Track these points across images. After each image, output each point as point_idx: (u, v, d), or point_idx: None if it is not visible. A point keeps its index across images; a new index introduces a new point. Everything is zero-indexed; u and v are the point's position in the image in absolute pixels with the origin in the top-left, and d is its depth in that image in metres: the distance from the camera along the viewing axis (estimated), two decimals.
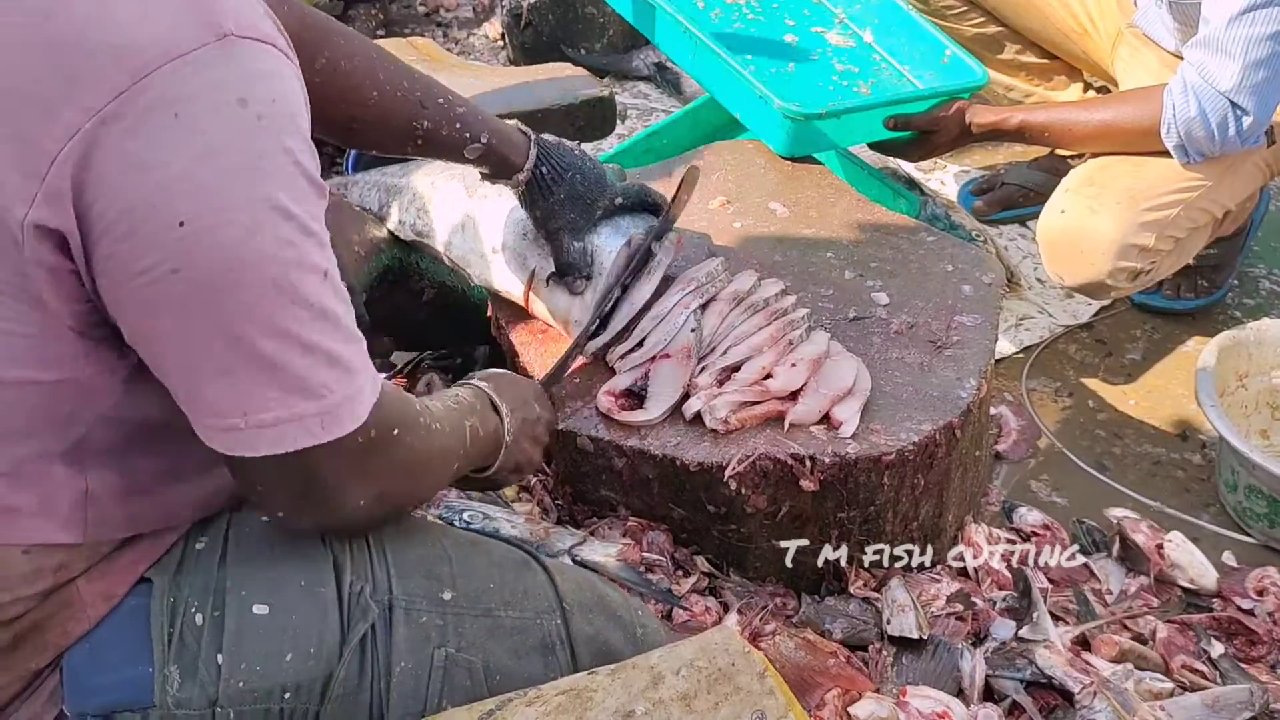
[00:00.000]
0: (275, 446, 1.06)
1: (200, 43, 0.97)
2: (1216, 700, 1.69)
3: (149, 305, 1.01)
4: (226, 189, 0.98)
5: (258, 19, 1.03)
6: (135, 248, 0.98)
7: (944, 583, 1.86)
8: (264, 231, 1.00)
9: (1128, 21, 2.54)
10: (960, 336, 1.89)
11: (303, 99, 1.06)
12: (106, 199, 0.96)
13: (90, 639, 1.17)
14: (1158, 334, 2.61)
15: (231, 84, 0.99)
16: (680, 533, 1.81)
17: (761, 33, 2.54)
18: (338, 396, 1.07)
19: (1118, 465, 2.32)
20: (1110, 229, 2.25)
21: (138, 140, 0.96)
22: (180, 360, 1.04)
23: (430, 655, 1.21)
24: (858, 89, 2.45)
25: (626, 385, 1.77)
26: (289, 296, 1.02)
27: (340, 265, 1.22)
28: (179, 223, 0.97)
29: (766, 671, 1.17)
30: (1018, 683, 1.72)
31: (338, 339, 1.07)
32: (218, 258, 0.99)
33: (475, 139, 1.64)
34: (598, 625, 1.30)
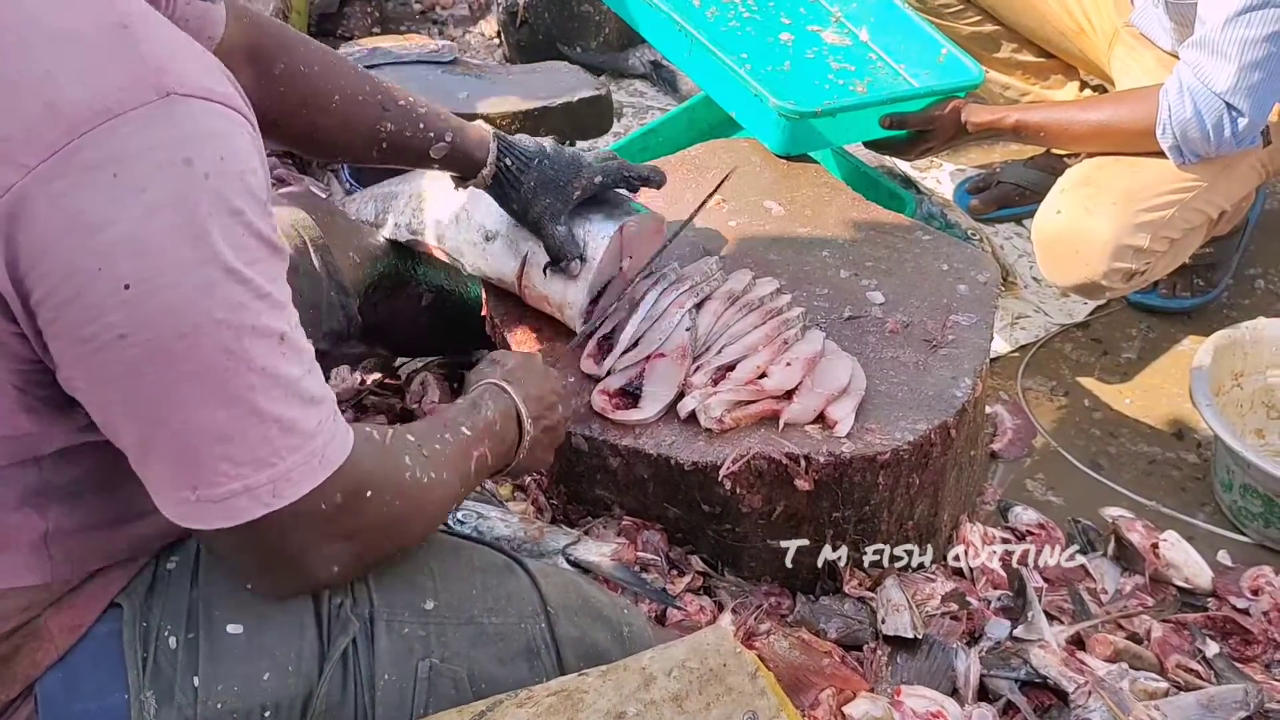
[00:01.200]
0: (226, 519, 1.02)
1: (141, 101, 0.93)
2: (1211, 700, 1.69)
3: (96, 372, 0.97)
4: (172, 249, 0.94)
5: (205, 75, 0.99)
6: (80, 312, 0.94)
7: (939, 582, 1.85)
8: (213, 294, 0.96)
9: (1124, 20, 2.54)
10: (956, 335, 1.88)
11: (257, 159, 1.02)
12: (47, 262, 0.92)
13: (63, 667, 1.15)
14: (1153, 333, 2.61)
15: (175, 143, 0.94)
16: (675, 532, 1.81)
17: (757, 31, 2.54)
18: (290, 463, 1.02)
19: (1113, 464, 2.32)
20: (1105, 230, 2.25)
21: (76, 200, 0.91)
22: (130, 428, 1.01)
23: (414, 667, 1.20)
24: (853, 87, 2.45)
25: (621, 384, 1.77)
26: (242, 363, 0.98)
27: (337, 271, 1.23)
28: (124, 285, 0.93)
29: (758, 672, 1.17)
30: (1012, 682, 1.72)
31: (293, 404, 1.02)
32: (166, 322, 0.95)
33: (440, 138, 1.63)
34: (583, 627, 1.29)
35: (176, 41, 1.00)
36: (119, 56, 0.95)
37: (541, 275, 1.81)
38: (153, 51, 0.96)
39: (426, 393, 2.09)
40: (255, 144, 1.02)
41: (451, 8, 3.87)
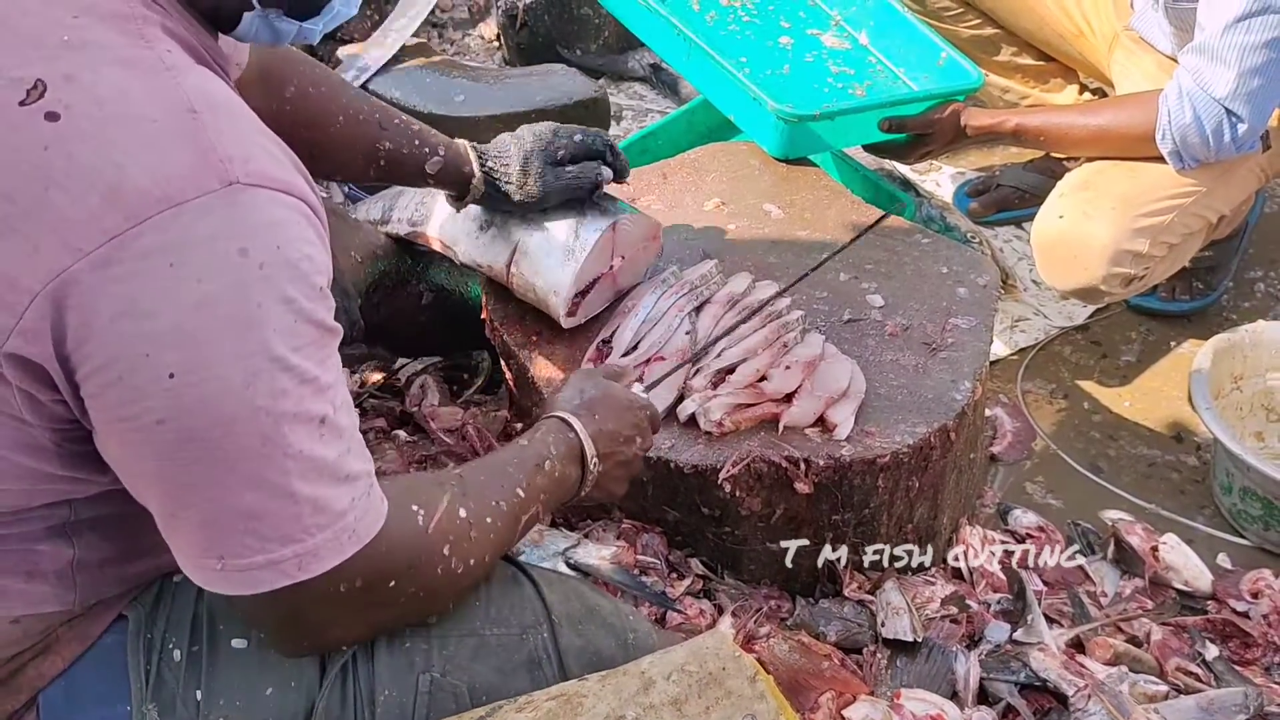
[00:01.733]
0: (248, 588, 1.02)
1: (202, 190, 0.94)
2: (1211, 703, 1.69)
3: (133, 448, 0.98)
4: (218, 342, 0.94)
5: (269, 162, 1.00)
6: (122, 394, 0.95)
7: (939, 585, 1.85)
8: (256, 384, 0.96)
9: (1124, 24, 2.54)
10: (955, 339, 1.88)
11: (318, 243, 1.02)
12: (95, 343, 0.93)
13: (67, 678, 1.16)
14: (1153, 336, 2.61)
15: (233, 234, 0.95)
16: (675, 535, 1.81)
17: (757, 35, 2.53)
18: (319, 539, 1.02)
19: (1113, 467, 2.32)
20: (1105, 234, 2.25)
21: (129, 287, 0.92)
22: (160, 500, 1.02)
23: (415, 681, 1.19)
24: (853, 91, 2.45)
25: None
26: (279, 449, 0.98)
27: (337, 271, 1.22)
28: (168, 374, 0.94)
29: (758, 675, 1.17)
30: (1012, 685, 1.72)
31: (326, 484, 1.02)
32: (204, 412, 0.95)
33: (434, 152, 1.69)
34: (587, 635, 1.28)
35: (243, 127, 1.01)
36: (185, 144, 0.95)
37: (530, 265, 1.81)
38: (219, 139, 0.96)
39: (426, 395, 2.09)
40: (315, 228, 1.03)
41: (451, 11, 3.87)
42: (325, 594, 1.05)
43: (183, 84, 0.98)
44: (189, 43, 1.05)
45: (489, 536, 1.21)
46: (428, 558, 1.14)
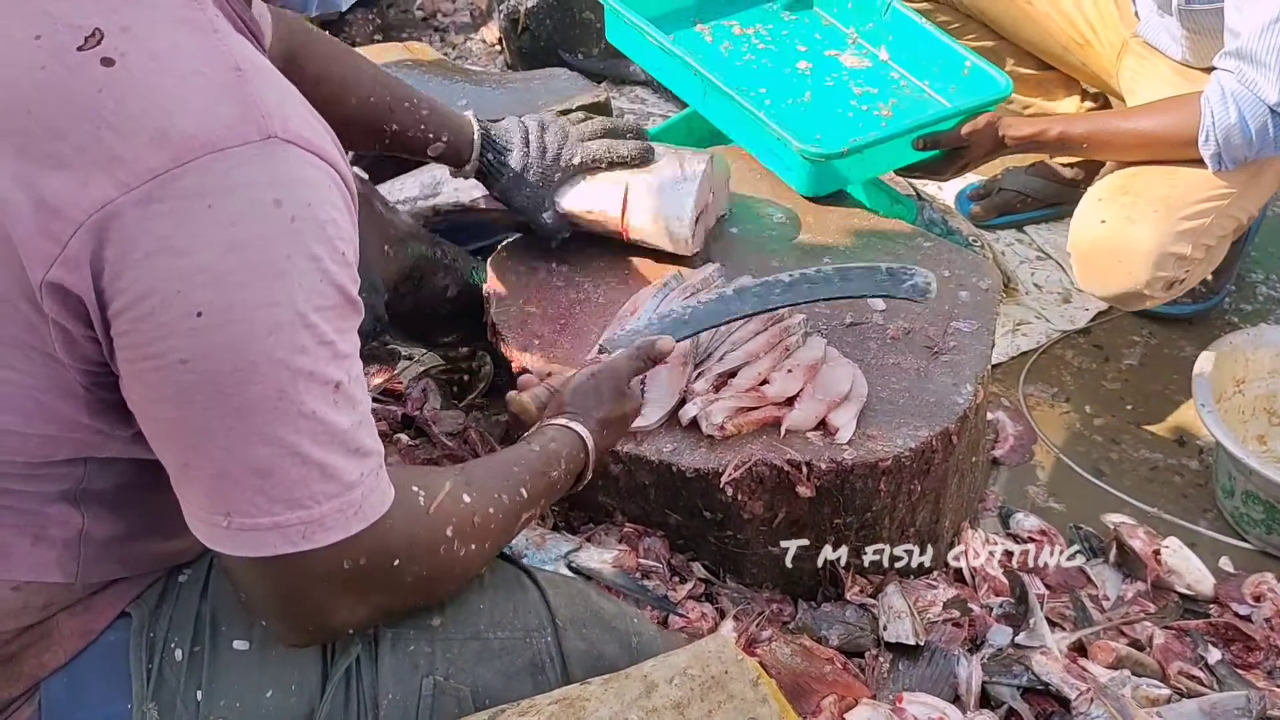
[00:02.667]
0: (252, 550, 1.03)
1: (243, 139, 0.98)
2: (1214, 706, 1.69)
3: (153, 389, 1.00)
4: (247, 286, 0.97)
5: (306, 126, 1.03)
6: (150, 331, 0.97)
7: (940, 589, 1.85)
8: (278, 334, 0.98)
9: (1131, 32, 2.54)
10: (957, 342, 1.88)
11: (346, 214, 1.05)
12: (130, 276, 0.96)
13: (68, 672, 1.16)
14: (1155, 339, 2.61)
15: (269, 184, 0.98)
16: (677, 539, 1.81)
17: (774, 63, 2.48)
18: (325, 509, 1.03)
19: (1115, 471, 2.32)
20: (1149, 238, 2.24)
21: (167, 224, 0.95)
22: (175, 449, 1.03)
23: (418, 685, 1.19)
24: (878, 112, 2.39)
25: None
26: (293, 405, 1.00)
27: (365, 265, 1.24)
28: (196, 313, 0.96)
29: (760, 679, 1.17)
30: (1014, 689, 1.72)
31: (337, 452, 1.03)
32: (226, 356, 0.98)
33: (438, 138, 1.79)
34: (591, 639, 1.28)
35: (284, 91, 1.05)
36: (230, 97, 0.99)
37: (647, 201, 1.92)
38: (262, 97, 1.01)
39: (428, 399, 2.09)
40: (345, 200, 1.06)
41: (453, 15, 3.87)
42: (328, 571, 1.05)
43: (229, 44, 1.03)
44: (230, 13, 1.10)
45: (490, 525, 1.22)
46: (430, 536, 1.14)
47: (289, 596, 1.08)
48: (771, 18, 2.59)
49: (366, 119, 1.73)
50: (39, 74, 0.98)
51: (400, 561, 1.11)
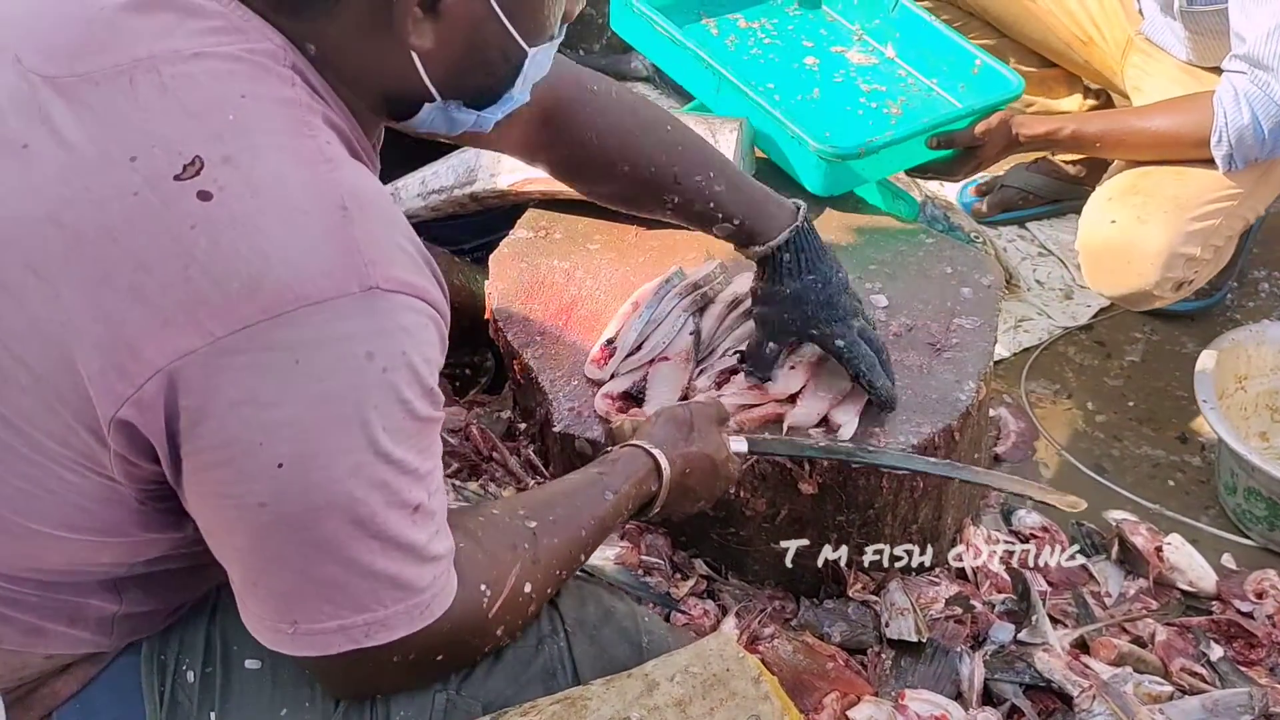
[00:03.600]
0: (316, 650, 1.03)
1: (342, 291, 0.94)
2: (1216, 703, 1.69)
3: (228, 523, 0.99)
4: (330, 436, 0.95)
5: (410, 268, 0.99)
6: (228, 475, 0.96)
7: (943, 586, 1.85)
8: (359, 476, 0.97)
9: (1136, 29, 2.53)
10: (959, 339, 1.88)
11: (439, 346, 1.03)
12: (209, 426, 0.94)
13: (81, 699, 1.16)
14: (1157, 336, 2.61)
15: (363, 337, 0.95)
16: (679, 536, 1.81)
17: (780, 58, 2.46)
18: (392, 611, 1.02)
19: (1117, 468, 2.32)
20: (1159, 239, 2.24)
21: (253, 376, 0.93)
22: (243, 569, 1.02)
23: (431, 700, 1.17)
24: (887, 110, 2.37)
25: (625, 388, 1.77)
26: (369, 533, 0.99)
27: None
28: (278, 464, 0.94)
29: (762, 676, 1.17)
30: (1016, 686, 1.72)
31: (410, 564, 1.02)
32: (306, 499, 0.96)
33: (728, 219, 1.61)
34: (602, 642, 1.26)
35: (388, 227, 1.00)
36: (332, 240, 0.95)
37: None
38: (365, 240, 0.96)
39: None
40: (440, 331, 1.03)
41: None
42: (376, 659, 1.05)
43: (339, 178, 0.98)
44: (346, 136, 1.05)
45: (539, 606, 1.22)
46: (481, 639, 1.15)
47: (338, 673, 1.09)
48: (776, 12, 2.57)
49: (639, 189, 1.60)
50: (130, 200, 0.94)
51: (445, 657, 1.12)
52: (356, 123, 1.09)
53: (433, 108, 1.13)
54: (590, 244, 2.06)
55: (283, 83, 1.01)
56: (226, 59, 0.99)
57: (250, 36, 1.01)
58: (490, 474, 1.91)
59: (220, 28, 1.00)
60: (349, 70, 1.06)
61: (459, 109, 1.15)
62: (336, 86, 1.06)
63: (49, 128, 0.97)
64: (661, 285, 1.88)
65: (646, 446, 1.38)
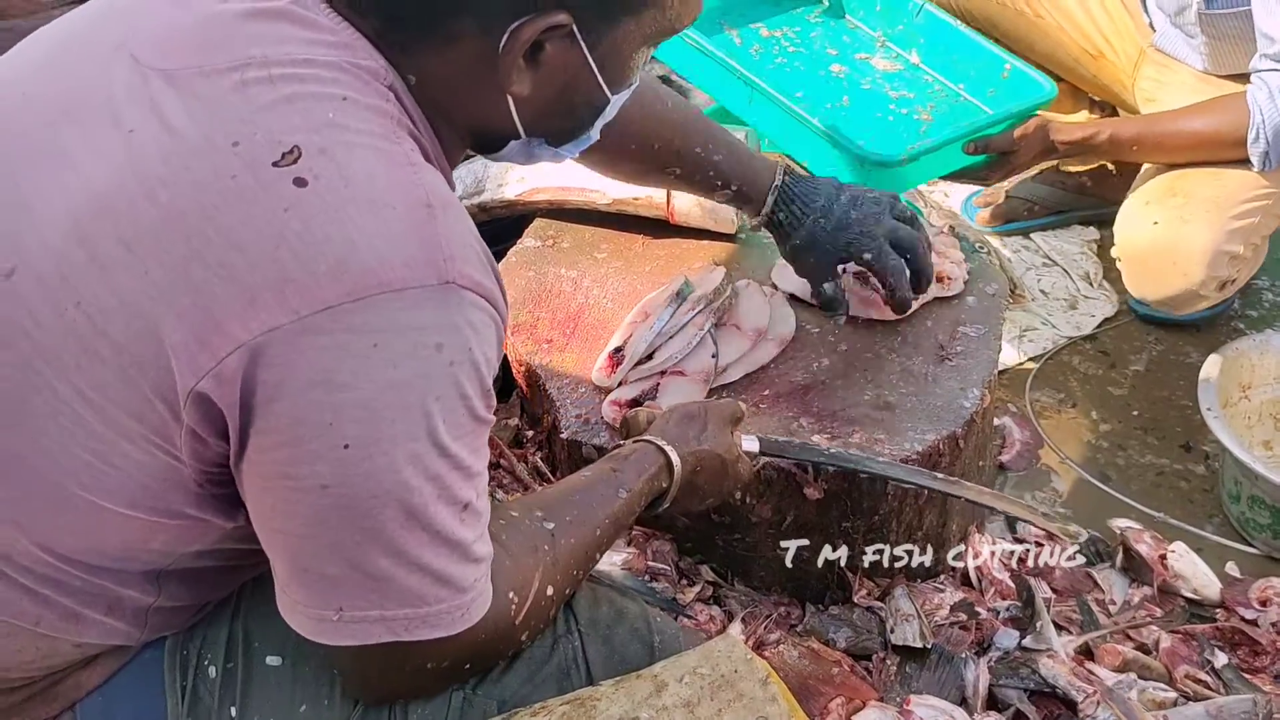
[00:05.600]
0: (356, 639, 1.05)
1: (421, 282, 0.98)
2: (1220, 710, 1.69)
3: (285, 505, 1.01)
4: (396, 421, 0.98)
5: (480, 269, 1.04)
6: (294, 455, 0.98)
7: (948, 592, 1.86)
8: (417, 465, 1.00)
9: (1148, 42, 2.54)
10: (964, 347, 1.89)
11: (497, 349, 1.07)
12: (283, 404, 0.96)
13: (104, 692, 1.17)
14: (1161, 345, 2.62)
15: (436, 328, 0.99)
16: (685, 542, 1.82)
17: (806, 66, 2.46)
18: (435, 609, 1.05)
19: (1121, 476, 2.32)
20: (1204, 238, 2.26)
21: (331, 357, 0.96)
22: (294, 554, 1.04)
23: (448, 698, 1.19)
24: (918, 115, 2.37)
25: (633, 396, 1.77)
26: (420, 523, 1.02)
27: None
28: (344, 445, 0.97)
29: (769, 678, 1.18)
30: (1021, 692, 1.72)
31: (455, 561, 1.05)
32: (365, 484, 0.99)
33: (726, 185, 1.75)
34: (615, 642, 1.28)
35: (468, 231, 1.05)
36: (416, 234, 0.99)
37: None
38: (446, 237, 1.00)
39: None
40: (499, 332, 1.07)
41: None
42: (407, 662, 1.07)
43: (423, 180, 1.03)
44: (427, 153, 1.10)
45: (558, 607, 1.24)
46: (506, 646, 1.18)
47: (361, 673, 1.11)
48: (798, 20, 2.56)
49: (645, 164, 1.71)
50: (229, 182, 0.98)
51: (471, 665, 1.15)
52: (441, 149, 1.15)
53: (517, 144, 1.19)
54: (597, 253, 2.07)
55: (380, 96, 1.06)
56: (332, 67, 1.04)
57: (357, 53, 1.06)
58: (498, 480, 1.92)
59: (331, 42, 1.05)
60: (444, 103, 1.12)
61: (540, 146, 1.22)
62: (429, 114, 1.12)
63: (157, 114, 1.01)
64: (672, 297, 1.88)
65: (659, 442, 1.41)
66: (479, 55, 1.07)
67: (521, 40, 1.06)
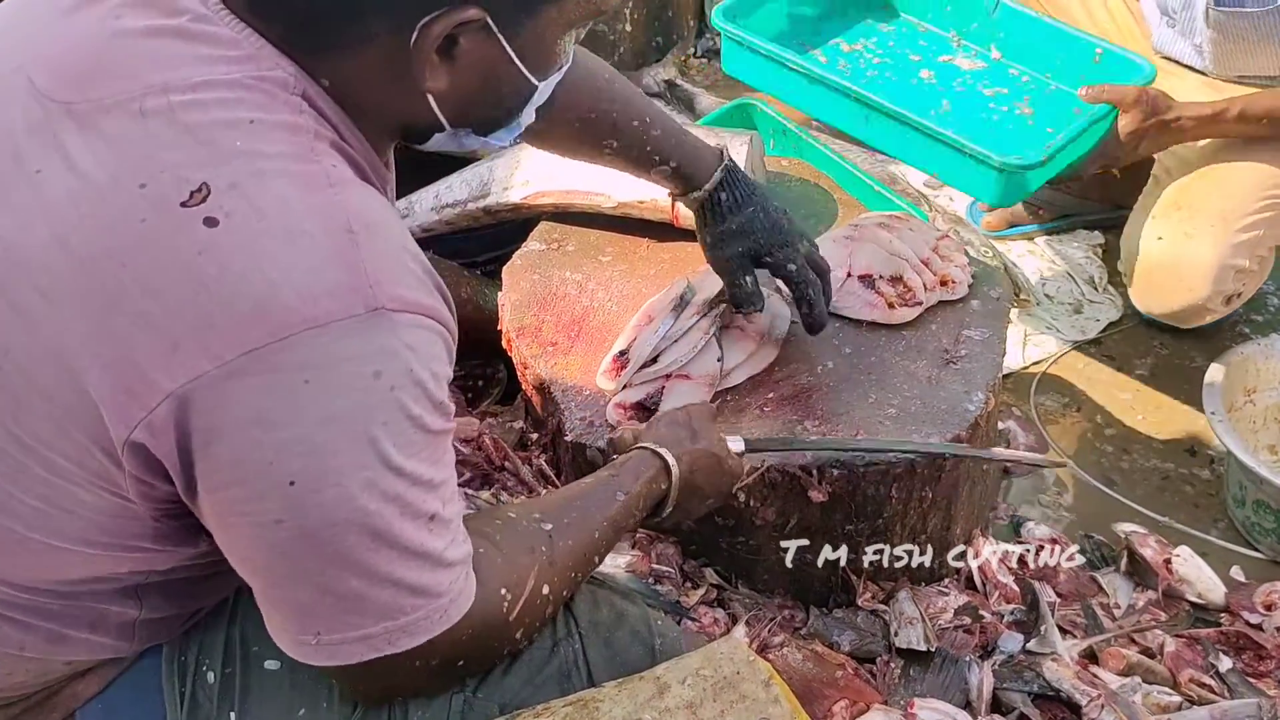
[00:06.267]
0: (339, 660, 1.04)
1: (348, 313, 0.95)
2: (1224, 714, 1.69)
3: (246, 539, 1.00)
4: (340, 453, 0.96)
5: (416, 287, 1.01)
6: (242, 494, 0.97)
7: (952, 595, 1.86)
8: (372, 490, 0.98)
9: (1150, 47, 2.53)
10: (968, 350, 1.89)
11: (446, 361, 1.04)
12: (220, 447, 0.95)
13: (103, 700, 1.17)
14: (1166, 350, 2.62)
15: (370, 357, 0.96)
16: (689, 545, 1.82)
17: (896, 75, 2.41)
18: (413, 617, 1.04)
19: (1126, 480, 2.32)
20: (1209, 253, 2.25)
21: (262, 398, 0.94)
22: (264, 583, 1.03)
23: (449, 701, 1.18)
24: (1020, 111, 2.33)
25: (638, 399, 1.78)
26: (386, 543, 1.00)
27: None
28: (289, 481, 0.95)
29: (772, 679, 1.18)
30: (1025, 695, 1.72)
31: (428, 571, 1.03)
32: (321, 516, 0.97)
33: (664, 161, 1.69)
34: (615, 645, 1.27)
35: (395, 248, 1.02)
36: (338, 262, 0.96)
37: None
38: (371, 261, 0.97)
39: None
40: (447, 345, 1.04)
41: None
42: (399, 664, 1.06)
43: (345, 201, 0.99)
44: (356, 161, 1.07)
45: (556, 608, 1.24)
46: (501, 643, 1.17)
47: (355, 680, 1.10)
48: (871, 31, 2.50)
49: (581, 136, 1.66)
50: (140, 226, 0.95)
51: (466, 662, 1.14)
52: (369, 146, 1.12)
53: (443, 135, 1.16)
54: (602, 256, 2.08)
55: (290, 109, 1.02)
56: (234, 86, 1.00)
57: (261, 64, 1.02)
58: (502, 483, 1.92)
59: (233, 56, 1.01)
60: (363, 103, 1.08)
61: (467, 135, 1.18)
62: (350, 114, 1.08)
63: (62, 154, 0.98)
64: (675, 303, 1.87)
65: (653, 447, 1.40)
66: (391, 54, 1.03)
67: (433, 36, 1.02)
